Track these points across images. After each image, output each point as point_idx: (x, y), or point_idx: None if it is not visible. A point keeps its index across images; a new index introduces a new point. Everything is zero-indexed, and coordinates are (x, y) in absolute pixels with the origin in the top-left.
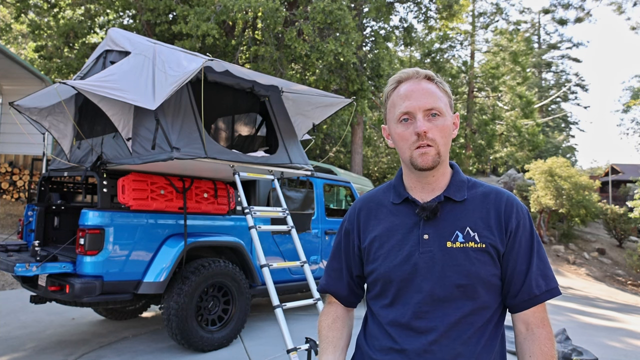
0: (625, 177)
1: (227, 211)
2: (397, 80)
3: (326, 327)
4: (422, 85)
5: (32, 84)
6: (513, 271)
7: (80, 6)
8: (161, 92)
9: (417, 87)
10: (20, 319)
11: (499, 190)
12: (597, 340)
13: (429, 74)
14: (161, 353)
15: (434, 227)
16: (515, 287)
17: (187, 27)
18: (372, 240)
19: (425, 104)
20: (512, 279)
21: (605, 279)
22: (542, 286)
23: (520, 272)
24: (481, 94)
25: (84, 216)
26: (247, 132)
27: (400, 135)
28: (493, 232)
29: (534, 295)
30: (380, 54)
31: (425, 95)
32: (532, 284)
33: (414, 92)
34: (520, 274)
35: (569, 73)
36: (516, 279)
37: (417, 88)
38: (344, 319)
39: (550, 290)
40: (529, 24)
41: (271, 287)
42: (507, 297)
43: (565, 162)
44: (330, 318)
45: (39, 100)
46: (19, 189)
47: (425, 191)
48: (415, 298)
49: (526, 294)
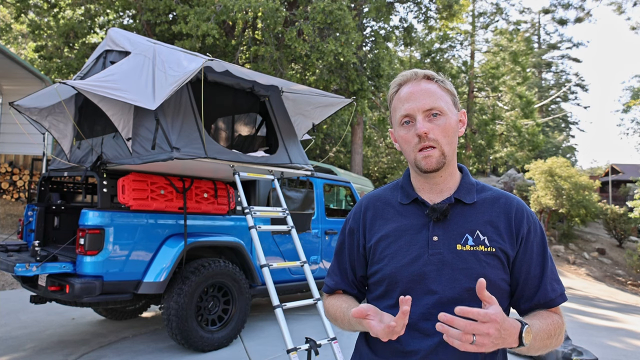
0: (625, 177)
1: (227, 211)
2: (398, 83)
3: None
4: (421, 86)
5: (32, 84)
6: (527, 275)
7: (80, 6)
8: (161, 92)
9: (417, 88)
10: (20, 319)
11: (508, 196)
12: (597, 340)
13: (428, 73)
14: (161, 353)
15: (444, 229)
16: (530, 291)
17: (187, 27)
18: (379, 240)
19: (424, 105)
20: (526, 283)
21: (605, 279)
22: (557, 290)
23: (535, 277)
24: (481, 94)
25: (84, 216)
26: (247, 132)
27: (403, 138)
28: (503, 237)
29: (549, 299)
30: (380, 54)
31: (425, 95)
32: (547, 288)
33: (413, 93)
34: (534, 278)
35: (569, 73)
36: (530, 283)
37: (416, 89)
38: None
39: (562, 294)
40: (529, 24)
41: (271, 287)
42: (520, 301)
43: (565, 162)
44: (338, 296)
45: (39, 100)
46: (19, 189)
47: (434, 192)
48: (423, 300)
49: (542, 297)
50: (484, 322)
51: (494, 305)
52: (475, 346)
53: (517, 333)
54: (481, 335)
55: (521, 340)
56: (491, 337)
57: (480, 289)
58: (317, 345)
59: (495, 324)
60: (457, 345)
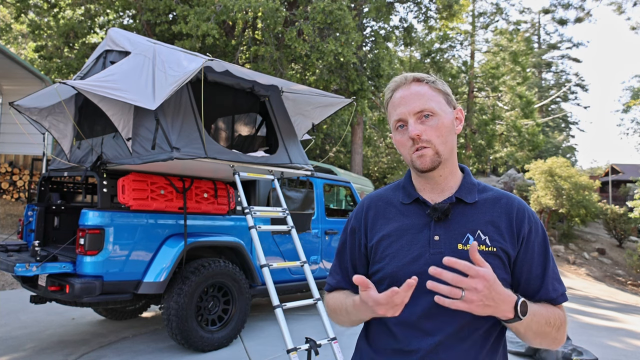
0: (625, 177)
1: (227, 211)
2: (391, 89)
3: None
4: (411, 90)
5: (32, 84)
6: (529, 275)
7: (80, 6)
8: (161, 92)
9: (407, 92)
10: (20, 319)
11: (510, 196)
12: (597, 340)
13: (417, 75)
14: (161, 353)
15: (445, 228)
16: (531, 291)
17: (187, 27)
18: (380, 239)
19: (414, 108)
20: (527, 283)
21: (605, 279)
22: (559, 289)
23: (537, 277)
24: (481, 94)
25: (84, 216)
26: (247, 132)
27: (399, 142)
28: (504, 236)
29: (551, 298)
30: (380, 54)
31: (415, 98)
32: (549, 287)
33: (404, 98)
34: (536, 278)
35: (569, 73)
36: (532, 283)
37: (406, 94)
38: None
39: (563, 294)
40: (529, 24)
41: (271, 287)
42: None
43: (565, 162)
44: (339, 291)
45: (39, 100)
46: (19, 189)
47: (435, 192)
48: (424, 299)
49: (543, 297)
50: (472, 277)
51: (485, 267)
52: (465, 303)
53: (513, 302)
54: (470, 290)
55: (516, 312)
56: (480, 294)
57: (472, 252)
58: (317, 345)
59: (484, 280)
60: (447, 303)
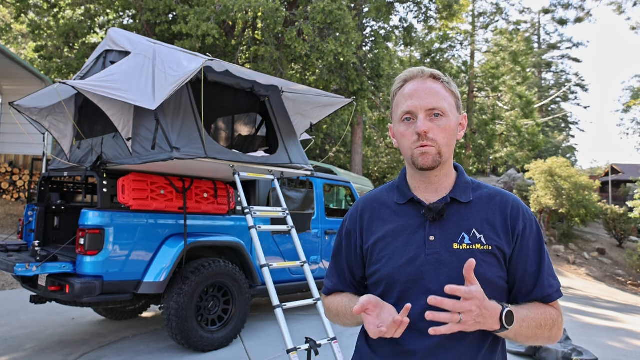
0: (625, 177)
1: (227, 211)
2: (403, 79)
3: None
4: (426, 85)
5: (32, 84)
6: (524, 272)
7: (80, 6)
8: (161, 92)
9: (422, 86)
10: (20, 319)
11: (504, 193)
12: (597, 340)
13: (435, 73)
14: (161, 353)
15: (440, 228)
16: (527, 287)
17: (187, 27)
18: (376, 240)
19: (427, 104)
20: (523, 279)
21: (605, 279)
22: (554, 285)
23: (532, 273)
24: (481, 94)
25: (84, 216)
26: (247, 132)
27: (402, 134)
28: (499, 234)
29: (546, 294)
30: (380, 54)
31: (429, 94)
32: (544, 283)
33: (417, 91)
34: (531, 274)
35: (569, 73)
36: (528, 280)
37: (421, 87)
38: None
39: (558, 290)
40: (529, 24)
41: (271, 287)
42: (518, 297)
43: (565, 162)
44: (338, 294)
45: (39, 100)
46: (19, 189)
47: (429, 191)
48: (422, 299)
49: (539, 293)
50: (467, 299)
51: (476, 285)
52: (461, 325)
53: (498, 315)
54: (465, 312)
55: (502, 323)
56: (473, 314)
57: (468, 270)
58: (317, 345)
59: (476, 300)
60: (444, 330)
